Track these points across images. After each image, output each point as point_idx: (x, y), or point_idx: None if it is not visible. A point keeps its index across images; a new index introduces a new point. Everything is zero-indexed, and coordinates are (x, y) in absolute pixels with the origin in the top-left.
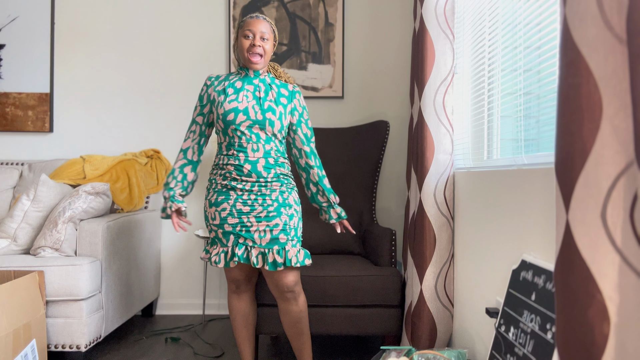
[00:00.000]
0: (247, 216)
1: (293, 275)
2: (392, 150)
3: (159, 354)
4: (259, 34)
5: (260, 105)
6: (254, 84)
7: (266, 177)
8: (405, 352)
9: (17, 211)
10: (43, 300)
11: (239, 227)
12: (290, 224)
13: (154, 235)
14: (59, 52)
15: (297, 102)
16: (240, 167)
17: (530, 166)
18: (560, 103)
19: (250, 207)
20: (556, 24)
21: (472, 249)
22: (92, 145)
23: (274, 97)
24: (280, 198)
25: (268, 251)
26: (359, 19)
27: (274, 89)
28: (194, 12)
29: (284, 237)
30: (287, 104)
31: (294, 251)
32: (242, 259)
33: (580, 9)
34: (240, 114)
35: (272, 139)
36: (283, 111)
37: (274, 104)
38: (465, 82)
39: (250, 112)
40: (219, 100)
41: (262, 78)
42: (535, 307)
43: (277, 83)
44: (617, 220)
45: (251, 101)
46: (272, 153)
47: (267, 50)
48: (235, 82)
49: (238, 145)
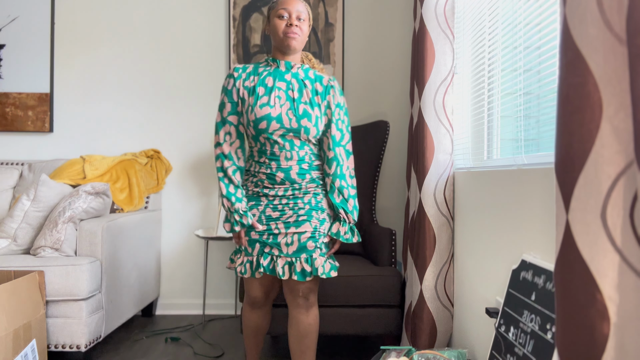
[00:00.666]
0: (275, 222)
1: (311, 282)
2: (392, 150)
3: (159, 354)
4: (295, 13)
5: (295, 110)
6: (286, 80)
7: (300, 182)
8: (405, 352)
9: (17, 211)
10: (43, 300)
11: (265, 235)
12: (320, 230)
13: (154, 235)
14: (59, 52)
15: (331, 99)
16: (272, 176)
17: (530, 166)
18: (560, 103)
19: (280, 212)
20: (556, 24)
21: (472, 249)
22: (92, 145)
23: (308, 96)
24: (313, 201)
25: (296, 260)
26: (359, 19)
27: (307, 85)
28: (194, 12)
29: (312, 245)
30: (321, 102)
31: (321, 260)
32: (268, 269)
33: (580, 9)
34: (273, 121)
35: (307, 143)
36: (319, 114)
37: (309, 107)
38: (465, 82)
39: (284, 120)
40: (248, 101)
41: (294, 72)
42: (535, 307)
43: (312, 76)
44: (617, 220)
45: (284, 104)
46: (306, 158)
47: (304, 31)
48: (265, 78)
49: (270, 154)
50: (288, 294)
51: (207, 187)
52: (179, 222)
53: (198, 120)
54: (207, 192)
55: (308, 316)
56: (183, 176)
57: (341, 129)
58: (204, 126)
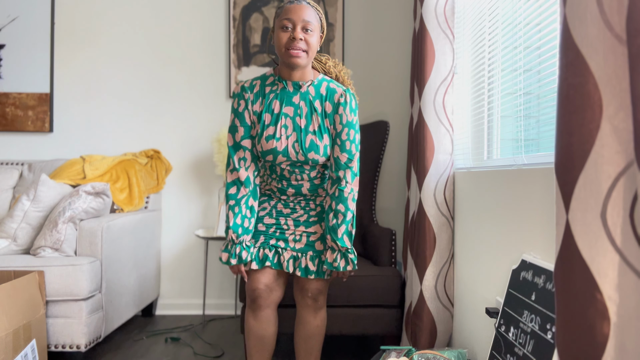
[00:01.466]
0: (285, 218)
1: (321, 283)
2: (392, 150)
3: (159, 354)
4: (301, 23)
5: (302, 143)
6: (294, 103)
7: (312, 194)
8: (405, 352)
9: (17, 211)
10: (43, 300)
11: (273, 229)
12: None
13: (154, 235)
14: (59, 52)
15: (338, 119)
16: (283, 190)
17: (530, 166)
18: (560, 103)
19: (291, 210)
20: (556, 24)
21: (472, 249)
22: (92, 145)
23: (317, 123)
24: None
25: (301, 255)
26: (359, 19)
27: (317, 108)
28: (194, 13)
29: (321, 246)
30: (330, 125)
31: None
32: (273, 263)
33: (580, 9)
34: (279, 155)
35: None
36: (328, 142)
37: (317, 137)
38: (465, 82)
39: (291, 153)
40: (256, 129)
41: (303, 92)
42: (535, 307)
43: (323, 93)
44: (617, 220)
45: (291, 135)
46: (318, 176)
47: (312, 45)
48: (272, 103)
49: (280, 175)
50: (297, 293)
51: (207, 187)
52: (179, 222)
53: (198, 120)
54: (207, 192)
55: (316, 318)
56: (183, 176)
57: (349, 150)
58: (204, 126)
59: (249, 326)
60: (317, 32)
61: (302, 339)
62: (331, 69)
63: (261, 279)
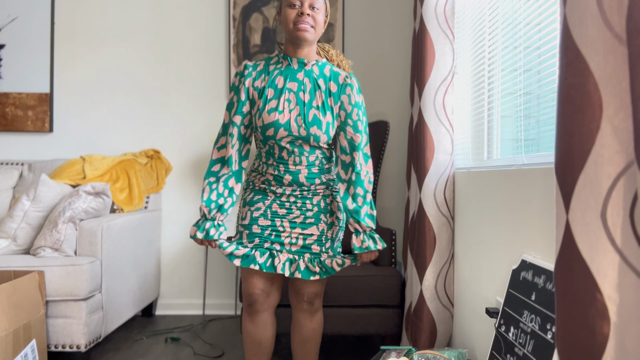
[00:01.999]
0: (281, 219)
1: (317, 287)
2: (392, 150)
3: (159, 354)
4: (308, 1)
5: (305, 117)
6: (298, 79)
7: (309, 186)
8: (405, 352)
9: (17, 211)
10: (43, 300)
11: (268, 231)
12: (327, 234)
13: (154, 235)
14: (59, 52)
15: (346, 99)
16: (280, 178)
17: (530, 166)
18: (560, 103)
19: (287, 210)
20: (556, 24)
21: (472, 249)
22: (92, 145)
23: (321, 99)
24: (322, 203)
25: (298, 257)
26: (359, 19)
27: (321, 86)
28: (194, 12)
29: (317, 248)
30: (334, 105)
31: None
32: (264, 267)
33: (580, 9)
34: (281, 129)
35: (316, 148)
36: (331, 119)
37: (320, 112)
38: (465, 82)
39: (293, 127)
40: (257, 104)
41: (308, 70)
42: (535, 307)
43: (327, 73)
44: (617, 220)
45: (294, 108)
46: (316, 162)
47: (319, 22)
48: (276, 78)
49: (278, 157)
50: (293, 297)
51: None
52: (179, 222)
53: (198, 120)
54: None
55: (312, 321)
56: (183, 176)
57: (360, 131)
58: (204, 126)
59: (246, 330)
60: (323, 11)
61: (299, 343)
62: (333, 57)
63: (257, 284)
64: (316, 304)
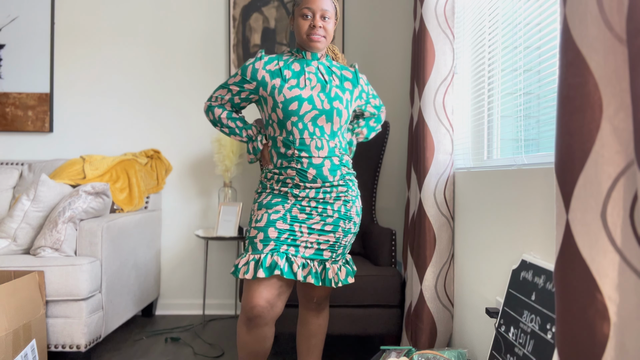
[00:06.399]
0: (300, 224)
1: (327, 290)
2: (392, 150)
3: (159, 354)
4: (320, 12)
5: (327, 93)
6: (314, 66)
7: (332, 180)
8: (405, 352)
9: (17, 211)
10: (43, 300)
11: (285, 235)
12: (342, 241)
13: (154, 235)
14: (59, 52)
15: (363, 83)
16: (303, 173)
17: (530, 166)
18: (560, 103)
19: (307, 215)
20: (556, 24)
21: (472, 249)
22: (92, 145)
23: (338, 81)
24: (342, 209)
25: (310, 262)
26: (359, 19)
27: (335, 71)
28: (194, 13)
29: (328, 254)
30: (352, 88)
31: (334, 269)
32: (285, 272)
33: (580, 9)
34: (305, 102)
35: (337, 133)
36: (350, 98)
37: (340, 90)
38: (465, 82)
39: (317, 101)
40: (273, 84)
41: (321, 61)
42: (535, 307)
43: (337, 64)
44: (617, 220)
45: (315, 86)
46: (336, 151)
47: (329, 31)
48: (292, 64)
49: (300, 143)
50: (302, 298)
51: (207, 187)
52: (179, 222)
53: (198, 120)
54: (207, 192)
55: (319, 317)
56: (183, 176)
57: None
58: (204, 126)
59: (241, 341)
60: (333, 19)
61: (305, 338)
62: (340, 60)
63: (263, 294)
64: (323, 304)
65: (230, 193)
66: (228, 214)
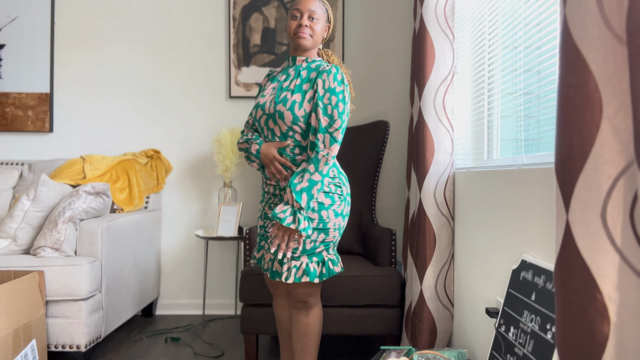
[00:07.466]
0: (270, 221)
1: (303, 288)
2: (392, 150)
3: (159, 354)
4: (307, 12)
5: (276, 97)
6: (288, 73)
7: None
8: (405, 352)
9: (17, 211)
10: (43, 300)
11: (262, 231)
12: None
13: (154, 235)
14: (59, 52)
15: (320, 83)
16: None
17: (530, 166)
18: (560, 103)
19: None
20: (556, 24)
21: (472, 249)
22: (92, 145)
23: (296, 83)
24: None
25: (274, 258)
26: (359, 19)
27: (302, 74)
28: (194, 12)
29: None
30: (308, 89)
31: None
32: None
33: (580, 8)
34: (259, 108)
35: (287, 135)
36: (299, 99)
37: (290, 92)
38: (465, 82)
39: (266, 105)
40: None
41: (297, 65)
42: (535, 307)
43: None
44: (617, 220)
45: (272, 93)
46: (287, 150)
47: (316, 31)
48: (279, 75)
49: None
50: (288, 296)
51: (207, 187)
52: (179, 222)
53: (198, 120)
54: (207, 192)
55: (308, 316)
56: (183, 176)
57: (331, 114)
58: (204, 126)
59: (274, 309)
60: (323, 21)
61: (296, 338)
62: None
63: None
64: (310, 302)
65: (230, 193)
66: (228, 214)
